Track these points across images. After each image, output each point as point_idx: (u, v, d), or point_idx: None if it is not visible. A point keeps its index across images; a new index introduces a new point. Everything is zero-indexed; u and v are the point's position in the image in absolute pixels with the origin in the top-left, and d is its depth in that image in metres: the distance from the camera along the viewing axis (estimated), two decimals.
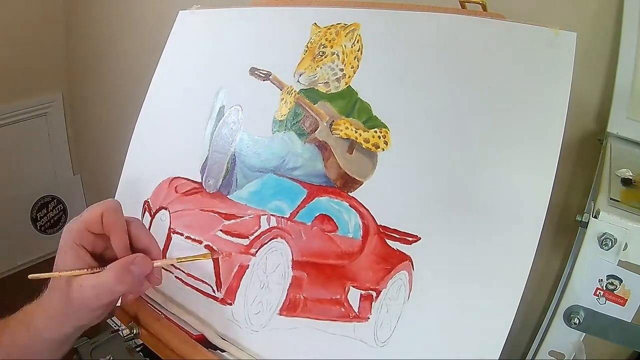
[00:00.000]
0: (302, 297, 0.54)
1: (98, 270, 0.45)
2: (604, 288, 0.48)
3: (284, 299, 0.54)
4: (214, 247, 0.59)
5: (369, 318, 0.51)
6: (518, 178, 0.47)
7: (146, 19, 1.41)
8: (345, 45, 0.58)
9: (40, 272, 0.46)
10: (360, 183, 0.54)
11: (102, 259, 0.47)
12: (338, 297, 0.52)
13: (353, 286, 0.52)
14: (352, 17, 0.59)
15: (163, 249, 0.64)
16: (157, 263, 0.47)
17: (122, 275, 0.44)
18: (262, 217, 0.57)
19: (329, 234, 0.54)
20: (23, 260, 1.66)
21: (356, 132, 0.55)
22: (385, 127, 0.54)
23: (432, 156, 0.51)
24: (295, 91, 0.60)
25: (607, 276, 0.48)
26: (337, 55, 0.59)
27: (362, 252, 0.52)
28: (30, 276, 0.46)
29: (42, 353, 0.48)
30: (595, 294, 0.49)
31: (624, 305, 0.48)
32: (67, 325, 0.47)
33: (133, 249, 0.47)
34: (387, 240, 0.51)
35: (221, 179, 0.63)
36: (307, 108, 0.59)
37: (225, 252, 0.57)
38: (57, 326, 0.47)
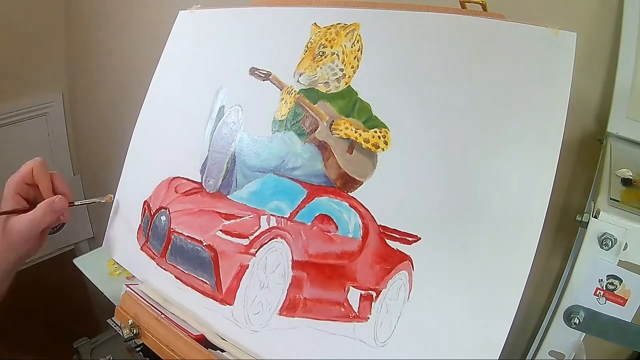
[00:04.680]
0: (302, 297, 0.54)
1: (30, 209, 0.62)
2: (604, 288, 0.48)
3: (284, 299, 0.54)
4: (214, 247, 0.59)
5: (368, 318, 0.51)
6: (518, 178, 0.47)
7: (146, 19, 1.41)
8: (345, 45, 0.58)
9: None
10: (360, 183, 0.54)
11: (34, 204, 0.63)
12: (338, 297, 0.52)
13: (353, 286, 0.52)
14: (352, 17, 0.59)
15: (163, 249, 0.65)
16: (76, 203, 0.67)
17: (48, 210, 0.62)
18: (262, 217, 0.57)
19: (328, 234, 0.54)
20: None
21: (356, 132, 0.55)
22: (385, 127, 0.54)
23: (432, 156, 0.51)
24: (295, 91, 0.60)
25: (607, 276, 0.48)
26: (337, 55, 0.59)
27: (362, 252, 0.52)
28: None
29: None
30: (595, 294, 0.49)
31: (624, 305, 0.48)
32: (7, 259, 0.62)
33: (54, 194, 0.64)
34: (387, 240, 0.51)
35: (221, 179, 0.63)
36: (307, 108, 0.59)
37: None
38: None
